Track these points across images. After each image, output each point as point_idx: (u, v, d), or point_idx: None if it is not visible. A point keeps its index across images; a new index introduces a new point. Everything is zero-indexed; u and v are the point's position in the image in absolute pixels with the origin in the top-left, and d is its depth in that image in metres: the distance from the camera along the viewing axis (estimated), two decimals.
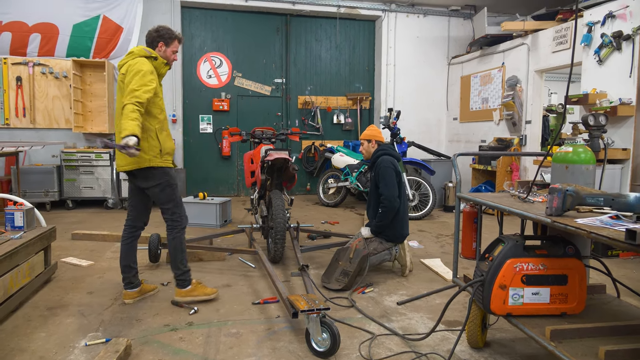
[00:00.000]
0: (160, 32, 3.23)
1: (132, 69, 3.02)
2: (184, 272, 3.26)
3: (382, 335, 2.82)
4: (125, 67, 3.09)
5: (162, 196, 3.20)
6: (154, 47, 3.23)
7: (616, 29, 5.34)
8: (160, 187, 3.17)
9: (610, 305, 2.39)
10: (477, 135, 8.26)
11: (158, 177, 3.16)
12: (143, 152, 3.04)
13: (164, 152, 3.17)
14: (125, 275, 3.29)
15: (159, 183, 3.16)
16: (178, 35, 3.31)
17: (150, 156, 3.10)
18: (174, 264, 3.26)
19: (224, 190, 8.75)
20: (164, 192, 3.19)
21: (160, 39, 3.22)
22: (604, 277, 3.33)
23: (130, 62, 3.08)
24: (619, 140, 5.34)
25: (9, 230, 3.48)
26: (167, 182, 3.19)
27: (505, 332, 2.87)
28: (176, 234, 3.25)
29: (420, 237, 5.45)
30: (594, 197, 1.95)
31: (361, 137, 4.16)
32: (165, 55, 3.26)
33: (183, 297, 3.25)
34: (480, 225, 2.86)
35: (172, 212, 3.24)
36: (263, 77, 8.75)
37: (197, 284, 3.33)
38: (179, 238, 3.25)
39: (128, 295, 3.29)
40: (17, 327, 2.87)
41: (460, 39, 9.10)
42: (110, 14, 7.46)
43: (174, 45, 3.28)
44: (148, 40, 3.24)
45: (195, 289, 3.29)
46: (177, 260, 3.25)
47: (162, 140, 3.17)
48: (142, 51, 3.16)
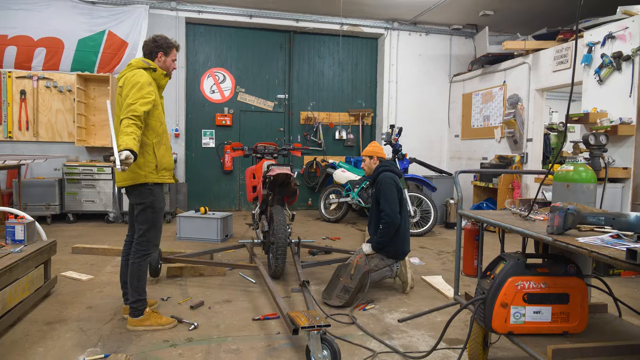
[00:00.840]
0: (158, 42, 3.17)
1: (130, 81, 2.95)
2: (137, 300, 3.07)
3: (383, 352, 2.79)
4: (122, 79, 3.03)
5: (141, 216, 3.07)
6: (153, 58, 3.17)
7: (616, 49, 5.40)
8: (143, 206, 3.05)
9: (612, 325, 2.38)
10: (478, 152, 8.29)
11: (143, 195, 3.03)
12: (138, 168, 2.97)
13: (160, 167, 3.07)
14: (125, 290, 3.22)
15: (142, 202, 3.04)
16: (175, 44, 3.26)
17: (146, 172, 3.01)
18: (131, 289, 3.08)
19: (226, 204, 8.76)
20: (144, 212, 3.06)
21: (159, 49, 3.17)
22: (606, 296, 3.31)
23: (127, 75, 3.02)
24: (620, 159, 5.35)
25: (9, 244, 3.48)
26: (150, 203, 3.05)
27: (506, 350, 2.84)
28: (136, 259, 3.08)
29: (421, 254, 5.43)
30: (595, 216, 1.96)
31: (363, 154, 4.18)
32: (165, 65, 3.21)
33: (134, 326, 3.05)
34: (481, 242, 2.86)
35: (142, 235, 3.08)
36: (266, 93, 8.82)
37: (151, 313, 3.12)
38: (137, 264, 3.07)
39: (128, 311, 3.20)
40: (15, 342, 2.85)
41: (462, 57, 9.19)
42: (116, 29, 7.57)
43: (173, 54, 3.23)
44: (146, 51, 3.18)
45: (148, 318, 3.09)
46: (132, 286, 3.07)
47: (159, 156, 3.07)
48: (141, 63, 3.09)
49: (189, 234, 5.95)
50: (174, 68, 3.29)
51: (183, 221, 5.98)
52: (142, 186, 3.02)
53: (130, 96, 2.89)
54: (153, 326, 3.06)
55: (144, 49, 3.20)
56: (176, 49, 3.26)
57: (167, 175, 3.17)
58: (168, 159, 3.17)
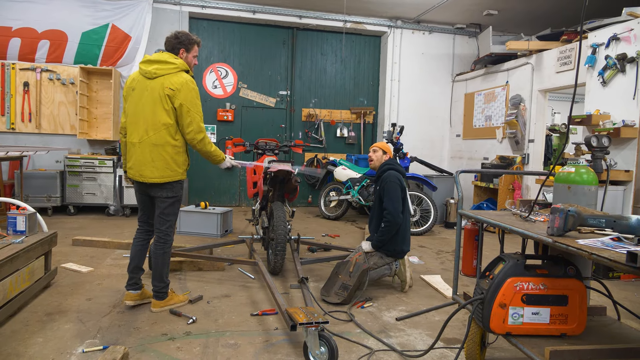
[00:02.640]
0: (180, 39, 3.22)
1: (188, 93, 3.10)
2: (166, 285, 3.31)
3: (380, 350, 2.80)
4: (178, 83, 3.08)
5: (170, 209, 3.24)
6: (176, 54, 3.22)
7: (620, 51, 5.38)
8: (174, 200, 3.24)
9: (611, 328, 2.38)
10: (479, 152, 8.28)
11: (176, 189, 3.23)
12: (177, 166, 3.18)
13: (189, 167, 3.33)
14: (132, 275, 3.31)
15: (175, 195, 3.24)
16: (197, 40, 3.32)
17: (183, 169, 3.23)
18: (158, 277, 3.26)
19: (226, 200, 8.76)
20: (174, 205, 3.26)
21: (180, 46, 3.22)
22: (605, 299, 3.31)
23: (183, 81, 3.09)
24: (622, 162, 5.34)
25: (10, 235, 3.49)
26: (180, 197, 3.29)
27: (504, 351, 2.85)
28: (167, 249, 3.28)
29: (420, 253, 5.44)
30: (596, 219, 1.96)
31: (378, 146, 4.12)
32: (187, 61, 3.27)
33: (160, 307, 3.27)
34: (481, 242, 2.86)
35: (170, 226, 3.28)
36: (268, 89, 8.81)
37: (172, 293, 3.39)
38: (168, 253, 3.29)
39: (130, 297, 3.31)
40: (15, 331, 2.86)
41: (465, 57, 9.18)
42: (119, 23, 7.56)
43: (195, 50, 3.30)
44: (168, 47, 3.22)
45: (172, 298, 3.34)
46: (162, 274, 3.26)
47: (188, 154, 3.31)
48: (184, 65, 3.19)
49: (189, 229, 5.96)
50: (195, 64, 3.37)
51: (183, 215, 5.98)
52: (178, 182, 3.22)
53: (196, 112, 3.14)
54: (177, 304, 3.34)
55: (166, 46, 3.24)
56: (197, 45, 3.32)
57: None
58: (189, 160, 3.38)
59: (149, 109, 3.10)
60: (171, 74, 3.10)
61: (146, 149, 3.11)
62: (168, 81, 3.08)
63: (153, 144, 3.10)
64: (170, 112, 3.09)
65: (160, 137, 3.10)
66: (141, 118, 3.11)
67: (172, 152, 3.14)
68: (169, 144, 3.12)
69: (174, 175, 3.17)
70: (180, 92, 3.07)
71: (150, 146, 3.10)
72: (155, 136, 3.09)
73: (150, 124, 3.09)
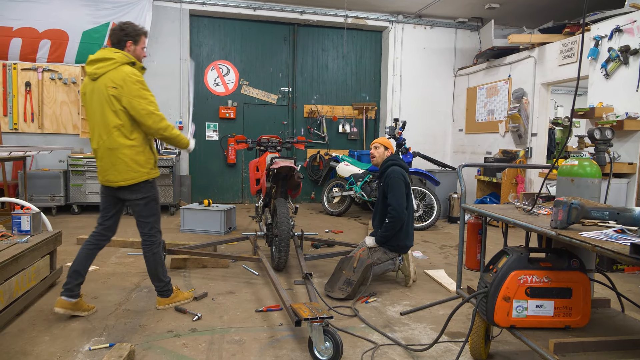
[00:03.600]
0: (126, 30, 3.04)
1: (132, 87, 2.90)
2: (167, 283, 3.30)
3: (384, 345, 2.81)
4: (120, 79, 2.89)
5: (145, 210, 3.14)
6: (122, 47, 3.02)
7: (623, 43, 5.35)
8: (146, 201, 3.12)
9: (615, 320, 2.38)
10: (482, 146, 8.26)
11: (146, 190, 3.10)
12: (140, 166, 3.03)
13: (156, 163, 3.17)
14: (69, 280, 3.04)
15: (146, 196, 3.11)
16: (144, 30, 3.14)
17: (148, 169, 3.07)
18: (156, 277, 3.25)
19: (229, 197, 8.78)
20: (148, 205, 3.14)
21: (127, 38, 3.03)
22: (609, 292, 3.31)
23: (123, 76, 2.90)
24: (625, 154, 5.32)
25: (15, 234, 3.51)
26: (153, 196, 3.15)
27: (508, 344, 2.85)
28: (155, 250, 3.20)
29: (424, 248, 5.44)
30: (599, 211, 1.96)
31: (380, 142, 4.09)
32: (136, 54, 3.08)
33: (165, 305, 3.30)
34: (484, 236, 2.86)
35: (152, 227, 3.19)
36: (270, 86, 8.81)
37: (177, 290, 3.40)
38: (157, 254, 3.21)
39: (61, 304, 3.00)
40: (22, 330, 2.89)
41: (467, 51, 9.14)
42: (120, 21, 7.55)
43: (142, 41, 3.12)
44: (114, 40, 3.03)
45: (177, 295, 3.37)
46: (158, 273, 3.24)
47: (154, 151, 3.16)
48: (124, 58, 2.97)
49: (193, 226, 5.98)
50: (144, 56, 3.17)
51: (187, 213, 6.00)
52: (144, 182, 3.08)
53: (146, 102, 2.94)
54: (182, 301, 3.36)
55: (111, 38, 3.05)
56: (144, 36, 3.15)
57: (156, 170, 3.21)
58: (156, 155, 3.22)
59: (98, 112, 2.96)
60: (111, 71, 2.92)
61: (105, 154, 2.99)
62: (109, 79, 2.91)
63: (108, 148, 2.97)
64: (119, 112, 2.92)
65: (113, 141, 2.95)
66: (94, 123, 2.99)
67: (130, 153, 2.98)
68: (125, 145, 2.96)
69: (139, 176, 3.03)
70: (124, 88, 2.89)
71: (107, 151, 2.98)
72: (109, 140, 2.95)
73: (102, 127, 2.96)
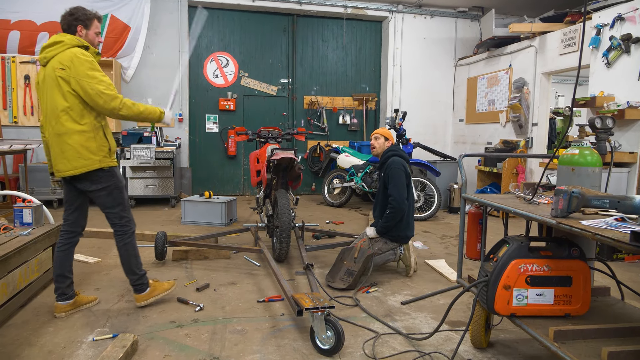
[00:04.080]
0: (75, 15, 2.88)
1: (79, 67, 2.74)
2: (140, 277, 3.11)
3: (386, 334, 2.83)
4: (61, 59, 2.75)
5: (108, 200, 2.96)
6: (73, 32, 2.88)
7: (625, 31, 5.32)
8: (108, 190, 2.94)
9: (614, 308, 2.40)
10: (483, 137, 8.25)
11: (105, 179, 2.92)
12: (92, 153, 2.84)
13: (112, 150, 2.97)
14: (58, 285, 3.00)
15: (107, 186, 2.93)
16: (96, 14, 2.97)
17: (100, 157, 2.87)
18: (129, 269, 3.07)
19: (230, 189, 8.79)
20: (111, 195, 2.96)
21: (77, 22, 2.88)
22: (609, 280, 3.33)
23: (71, 56, 2.74)
24: (626, 143, 5.32)
25: (17, 227, 3.52)
26: (115, 185, 2.97)
27: (508, 332, 2.87)
28: (127, 240, 3.04)
29: (424, 238, 5.46)
30: (600, 200, 1.96)
31: (380, 132, 4.07)
32: (89, 39, 2.93)
33: (144, 301, 3.11)
34: (485, 226, 2.87)
35: (120, 217, 3.01)
36: (269, 77, 8.78)
37: (155, 283, 3.23)
38: (130, 244, 3.05)
39: (60, 309, 2.99)
40: (26, 321, 2.91)
41: (467, 41, 9.09)
42: (118, 13, 7.52)
43: (95, 26, 2.94)
44: (64, 25, 2.88)
45: (155, 288, 3.17)
46: (131, 265, 3.06)
47: (109, 139, 2.96)
48: (75, 40, 2.83)
49: (194, 218, 5.99)
50: (99, 41, 3.01)
51: (187, 205, 6.01)
52: (99, 171, 2.89)
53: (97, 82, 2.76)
54: (161, 294, 3.16)
55: (62, 24, 2.90)
56: (97, 20, 2.97)
57: (114, 158, 3.03)
58: (113, 142, 3.04)
59: (48, 97, 2.82)
60: (60, 53, 2.78)
61: (54, 141, 2.83)
62: (57, 61, 2.77)
63: (57, 134, 2.80)
64: (67, 95, 2.76)
65: (62, 125, 2.79)
66: (46, 110, 2.86)
67: (80, 139, 2.80)
68: (74, 130, 2.79)
69: (90, 164, 2.83)
70: (71, 68, 2.73)
71: (56, 137, 2.81)
72: (57, 125, 2.79)
73: (50, 112, 2.81)
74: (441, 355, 2.57)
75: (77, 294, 3.14)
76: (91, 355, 2.51)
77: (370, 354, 2.57)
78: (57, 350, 2.54)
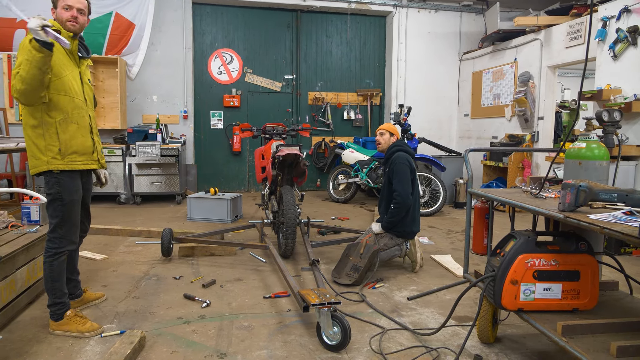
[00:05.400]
0: None
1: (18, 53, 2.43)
2: (54, 304, 2.70)
3: (392, 329, 2.83)
4: None
5: (49, 208, 2.65)
6: None
7: (632, 23, 5.26)
8: (50, 198, 2.63)
9: (623, 302, 2.38)
10: (488, 131, 8.21)
11: (49, 185, 2.61)
12: (40, 153, 2.57)
13: (66, 151, 2.61)
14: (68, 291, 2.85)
15: (49, 192, 2.62)
16: None
17: (48, 157, 2.57)
18: (47, 291, 2.71)
19: (235, 185, 8.81)
20: (52, 205, 2.63)
21: (52, 6, 2.67)
22: (617, 274, 3.30)
23: None
24: (633, 136, 5.27)
25: (25, 224, 3.55)
26: (57, 195, 2.61)
27: (516, 327, 2.86)
28: (47, 258, 2.65)
29: (430, 233, 5.44)
30: (608, 193, 1.95)
31: (385, 128, 4.06)
32: (58, 18, 2.63)
33: (54, 329, 2.71)
34: (491, 221, 2.86)
35: (53, 230, 2.65)
36: (273, 73, 8.77)
37: (73, 317, 2.72)
38: (49, 264, 2.65)
39: None
40: (34, 318, 2.93)
41: (472, 35, 9.03)
42: (123, 10, 7.53)
43: (61, 1, 2.63)
44: None
45: (68, 322, 2.69)
46: (46, 288, 2.70)
47: (65, 137, 2.60)
48: None
49: (200, 215, 6.01)
50: (71, 17, 2.63)
51: (193, 202, 6.03)
52: (47, 174, 2.60)
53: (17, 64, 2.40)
54: (72, 332, 2.67)
55: None
56: None
57: (81, 161, 2.70)
58: (81, 141, 2.68)
59: None
60: None
61: None
62: None
63: (23, 129, 2.62)
64: None
65: (23, 119, 2.60)
66: None
67: (32, 134, 2.58)
68: (28, 124, 2.58)
69: (39, 165, 2.58)
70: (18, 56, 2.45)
71: (23, 132, 2.64)
72: (23, 119, 2.61)
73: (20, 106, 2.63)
74: (448, 350, 2.57)
75: (84, 290, 3.16)
76: (99, 351, 2.52)
77: (377, 349, 2.57)
78: (66, 347, 2.56)
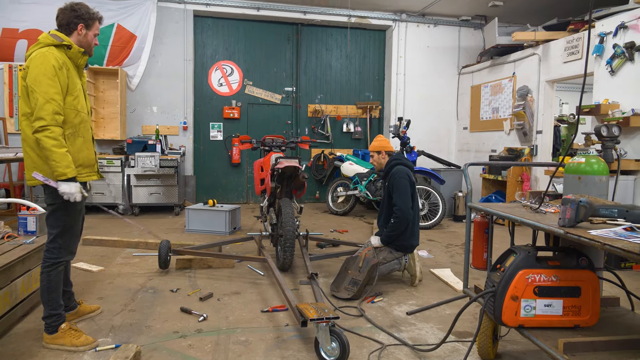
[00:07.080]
0: (78, 12, 2.70)
1: (33, 70, 2.51)
2: (49, 316, 2.67)
3: (391, 345, 2.80)
4: (28, 60, 2.58)
5: (50, 218, 2.67)
6: (71, 30, 2.71)
7: (629, 39, 5.31)
8: (53, 208, 2.65)
9: (624, 319, 2.36)
10: (487, 145, 8.23)
11: (53, 195, 2.63)
12: (45, 164, 2.60)
13: (74, 164, 2.65)
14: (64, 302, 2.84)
15: (52, 203, 2.65)
16: (98, 16, 2.81)
17: None
18: (43, 303, 2.70)
19: (234, 197, 8.79)
20: (54, 215, 2.66)
21: (79, 20, 2.70)
22: (618, 290, 3.28)
23: (32, 56, 2.56)
24: (632, 151, 5.28)
25: (21, 235, 3.52)
26: (63, 205, 2.63)
27: (516, 344, 2.83)
28: (45, 268, 2.66)
29: (429, 247, 5.42)
30: (608, 209, 1.94)
31: (370, 149, 4.15)
32: (87, 40, 2.74)
33: (47, 343, 2.68)
34: (491, 235, 2.84)
35: (53, 240, 2.67)
36: (273, 86, 8.81)
37: (68, 331, 2.69)
38: (47, 274, 2.66)
39: None
40: (28, 331, 2.89)
41: (471, 49, 9.11)
42: (124, 22, 7.59)
43: (96, 27, 2.77)
44: (63, 21, 2.70)
45: (63, 336, 2.66)
46: (42, 299, 2.69)
47: (73, 150, 2.66)
48: (49, 38, 2.62)
49: (198, 227, 5.98)
50: (95, 44, 2.82)
51: (191, 213, 6.01)
52: (50, 186, 2.62)
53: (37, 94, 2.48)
54: (66, 346, 2.64)
55: (59, 19, 2.71)
56: (99, 22, 2.81)
57: (85, 173, 2.78)
58: (86, 154, 2.76)
59: (20, 101, 2.68)
60: (32, 53, 2.60)
61: (23, 149, 2.69)
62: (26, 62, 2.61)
63: (22, 140, 2.64)
64: (25, 98, 2.59)
65: (23, 131, 2.63)
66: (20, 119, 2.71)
67: (36, 146, 2.59)
68: (31, 137, 2.58)
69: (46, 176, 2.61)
70: (28, 70, 2.54)
71: (22, 143, 2.66)
72: (22, 131, 2.63)
73: (20, 117, 2.65)
74: None
75: (79, 303, 3.12)
76: None
77: None
78: None
